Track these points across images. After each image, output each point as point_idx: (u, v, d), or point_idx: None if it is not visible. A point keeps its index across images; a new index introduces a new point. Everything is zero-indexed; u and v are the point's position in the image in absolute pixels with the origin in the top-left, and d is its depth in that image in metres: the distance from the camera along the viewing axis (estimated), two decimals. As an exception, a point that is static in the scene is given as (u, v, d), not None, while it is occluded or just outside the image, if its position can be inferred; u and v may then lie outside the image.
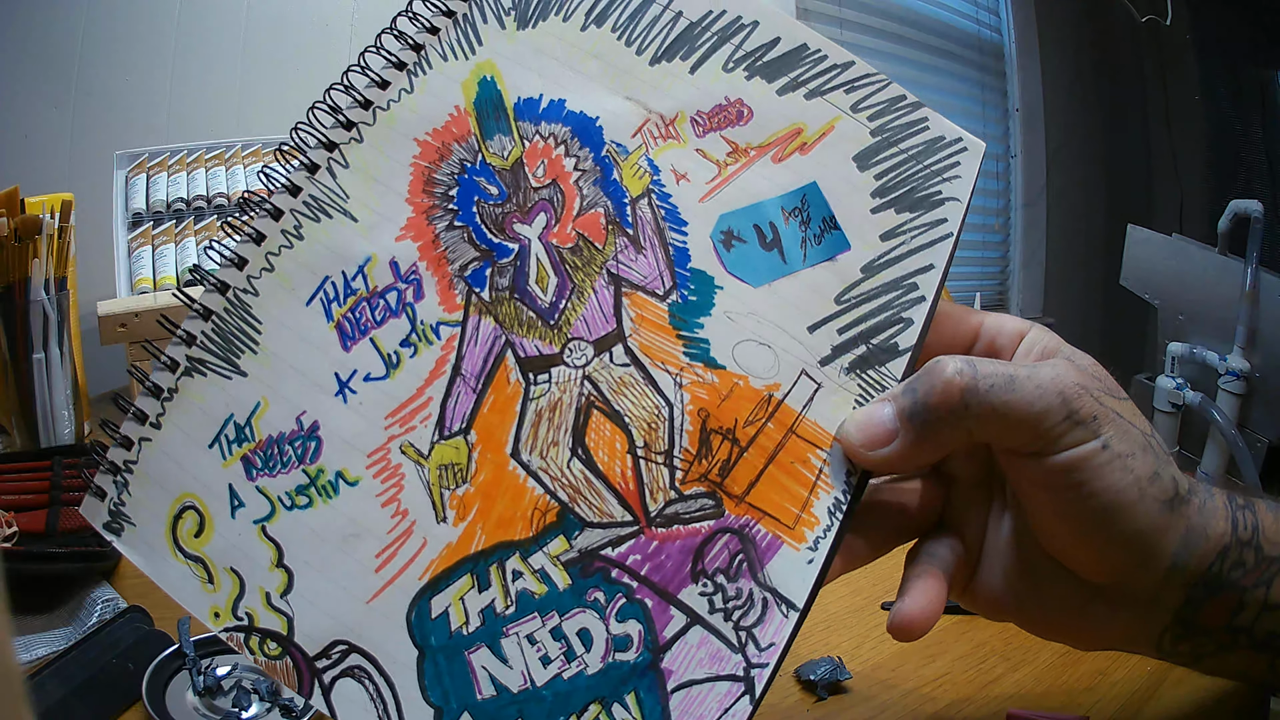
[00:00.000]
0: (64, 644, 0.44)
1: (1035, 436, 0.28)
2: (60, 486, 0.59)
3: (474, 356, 0.30)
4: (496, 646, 0.28)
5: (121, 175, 0.93)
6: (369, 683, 0.27)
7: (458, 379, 0.30)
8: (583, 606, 0.28)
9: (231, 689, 0.41)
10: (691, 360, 0.30)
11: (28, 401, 0.71)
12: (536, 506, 0.29)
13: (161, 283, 0.80)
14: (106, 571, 0.52)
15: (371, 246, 0.31)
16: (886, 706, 0.43)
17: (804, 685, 0.44)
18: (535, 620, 0.28)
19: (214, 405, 0.30)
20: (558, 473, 0.29)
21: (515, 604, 0.28)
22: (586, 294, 0.31)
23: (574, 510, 0.29)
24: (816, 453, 0.30)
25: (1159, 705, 0.43)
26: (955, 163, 0.33)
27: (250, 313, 0.30)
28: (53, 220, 0.70)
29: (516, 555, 0.28)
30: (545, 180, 0.32)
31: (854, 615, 0.51)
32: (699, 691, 0.28)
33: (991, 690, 0.44)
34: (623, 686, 0.27)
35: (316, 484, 0.29)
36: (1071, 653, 0.48)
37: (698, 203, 0.32)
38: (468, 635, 0.28)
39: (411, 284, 0.31)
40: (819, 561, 0.29)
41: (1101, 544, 0.30)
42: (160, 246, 0.85)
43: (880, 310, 0.31)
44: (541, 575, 0.28)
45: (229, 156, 0.99)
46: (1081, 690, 0.44)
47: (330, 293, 0.31)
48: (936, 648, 0.48)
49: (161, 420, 0.30)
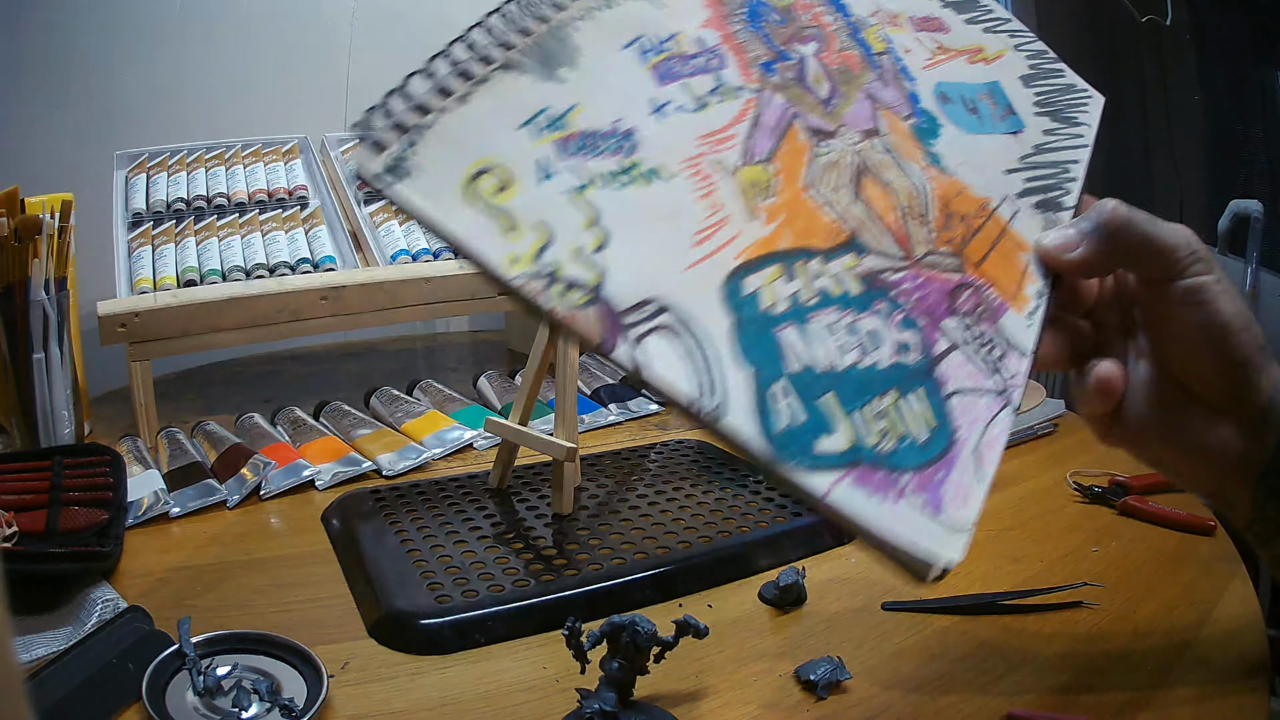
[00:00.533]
0: (64, 644, 0.44)
1: (1171, 263, 0.38)
2: (60, 486, 0.59)
3: (770, 114, 0.36)
4: (803, 328, 0.30)
5: (121, 175, 0.93)
6: (683, 339, 0.28)
7: (758, 127, 0.35)
8: (871, 312, 0.32)
9: (231, 689, 0.41)
10: (930, 163, 0.39)
11: (28, 401, 0.71)
12: (829, 229, 0.34)
13: (161, 283, 0.81)
14: (106, 571, 0.53)
15: (679, 25, 0.36)
16: (886, 706, 0.43)
17: (804, 685, 0.44)
18: (835, 313, 0.31)
19: (528, 97, 0.31)
20: (844, 209, 0.35)
21: (817, 296, 0.31)
22: (851, 99, 0.39)
23: (859, 238, 0.34)
24: (1022, 253, 0.39)
25: (1159, 705, 0.43)
26: (1085, 101, 0.48)
27: (569, 41, 0.33)
28: (53, 220, 0.70)
29: (820, 258, 0.33)
30: (812, 23, 0.41)
31: (854, 615, 0.51)
32: (970, 399, 0.32)
33: (991, 690, 0.44)
34: (910, 382, 0.31)
35: (632, 172, 0.31)
36: (1072, 653, 0.48)
37: (921, 69, 0.43)
38: (776, 315, 0.30)
39: (716, 55, 0.36)
40: (1035, 327, 0.37)
41: (1216, 361, 0.38)
42: (160, 246, 0.85)
43: (1050, 176, 0.43)
44: (837, 279, 0.33)
45: (229, 156, 0.99)
46: (1081, 690, 0.44)
47: (645, 46, 0.34)
48: (936, 648, 0.48)
49: (469, 99, 0.30)
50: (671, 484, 0.69)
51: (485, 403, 0.90)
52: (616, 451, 0.77)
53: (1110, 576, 0.57)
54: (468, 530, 0.60)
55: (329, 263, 0.87)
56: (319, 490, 0.68)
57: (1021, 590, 0.54)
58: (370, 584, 0.52)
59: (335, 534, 0.60)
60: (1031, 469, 0.78)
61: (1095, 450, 0.84)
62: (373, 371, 1.09)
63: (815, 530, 0.61)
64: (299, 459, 0.70)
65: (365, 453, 0.73)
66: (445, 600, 0.50)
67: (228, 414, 0.85)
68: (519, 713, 0.42)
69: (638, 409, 0.89)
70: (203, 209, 0.91)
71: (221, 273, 0.84)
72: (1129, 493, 0.69)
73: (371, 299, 0.87)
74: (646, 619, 0.40)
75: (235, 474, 0.67)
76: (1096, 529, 0.65)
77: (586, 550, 0.57)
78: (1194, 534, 0.64)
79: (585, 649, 0.41)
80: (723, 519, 0.62)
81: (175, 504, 0.63)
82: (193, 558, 0.56)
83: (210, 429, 0.77)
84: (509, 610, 0.49)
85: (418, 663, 0.46)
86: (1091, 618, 0.52)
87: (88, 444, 0.70)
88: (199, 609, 0.49)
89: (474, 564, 0.55)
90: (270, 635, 0.45)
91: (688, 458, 0.75)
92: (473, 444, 0.78)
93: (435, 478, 0.70)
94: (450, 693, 0.43)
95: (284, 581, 0.54)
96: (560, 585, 0.52)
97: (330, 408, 0.84)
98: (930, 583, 0.27)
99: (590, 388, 0.93)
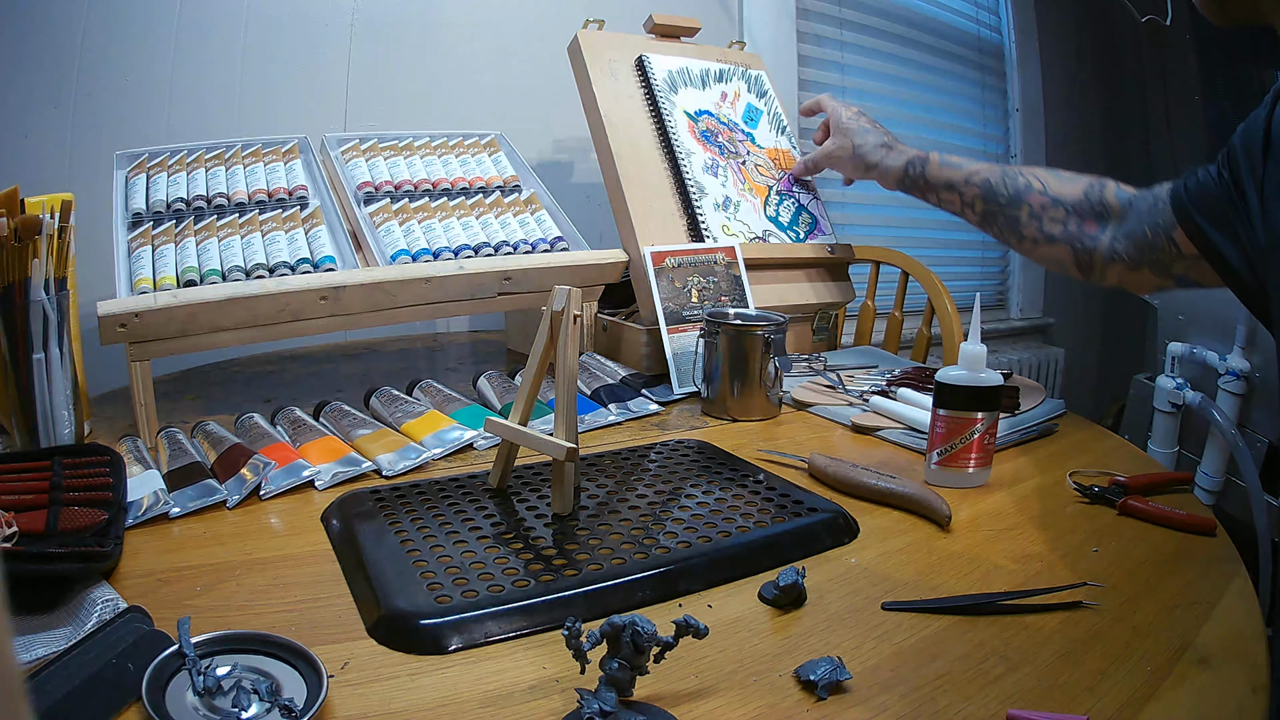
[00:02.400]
0: (64, 644, 0.44)
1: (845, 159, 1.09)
2: (60, 486, 0.59)
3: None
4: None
5: (121, 175, 0.93)
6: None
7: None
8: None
9: (231, 689, 0.41)
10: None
11: (28, 401, 0.71)
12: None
13: (161, 283, 0.80)
14: (106, 571, 0.53)
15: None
16: (886, 706, 0.43)
17: (804, 685, 0.44)
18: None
19: None
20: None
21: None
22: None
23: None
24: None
25: (1159, 705, 0.43)
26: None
27: None
28: (53, 220, 0.70)
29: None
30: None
31: (854, 615, 0.51)
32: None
33: (991, 690, 0.44)
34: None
35: None
36: (1071, 653, 0.48)
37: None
38: None
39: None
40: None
41: (863, 167, 1.07)
42: (160, 246, 0.85)
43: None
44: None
45: (229, 156, 0.99)
46: (1081, 690, 0.44)
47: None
48: (937, 648, 0.48)
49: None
50: (671, 484, 0.69)
51: (485, 403, 0.90)
52: (616, 451, 0.77)
53: (1110, 576, 0.57)
54: (468, 530, 0.60)
55: (329, 263, 0.87)
56: (319, 490, 0.68)
57: (1021, 590, 0.54)
58: (370, 584, 0.52)
59: (335, 534, 0.60)
60: (1031, 469, 0.78)
61: (1095, 450, 0.84)
62: (373, 371, 1.09)
63: (815, 530, 0.61)
64: (299, 459, 0.70)
65: (365, 453, 0.73)
66: (445, 600, 0.50)
67: (228, 414, 0.85)
68: (519, 713, 0.42)
69: (638, 409, 0.89)
70: (203, 209, 0.91)
71: (221, 273, 0.83)
72: (1129, 493, 0.69)
73: (371, 299, 0.87)
74: (646, 619, 0.40)
75: (235, 474, 0.67)
76: (1096, 529, 0.65)
77: (586, 550, 0.57)
78: (1194, 534, 0.64)
79: (585, 649, 0.41)
80: (723, 519, 0.62)
81: (175, 504, 0.63)
82: (193, 558, 0.56)
83: (210, 429, 0.77)
84: (509, 610, 0.49)
85: (418, 663, 0.46)
86: (1091, 618, 0.52)
87: (88, 444, 0.70)
88: (199, 609, 0.49)
89: (474, 564, 0.55)
90: (270, 635, 0.44)
91: (688, 458, 0.75)
92: (473, 444, 0.78)
93: (435, 478, 0.70)
94: (450, 693, 0.43)
95: (284, 581, 0.54)
96: (560, 585, 0.52)
97: (330, 408, 0.84)
98: None
99: (590, 388, 0.93)
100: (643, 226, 1.03)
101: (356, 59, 1.25)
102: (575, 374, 0.65)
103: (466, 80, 1.37)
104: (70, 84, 1.08)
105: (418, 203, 0.99)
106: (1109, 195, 0.80)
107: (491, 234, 0.98)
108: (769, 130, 1.23)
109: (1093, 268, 0.81)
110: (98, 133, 1.09)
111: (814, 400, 0.93)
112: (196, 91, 1.16)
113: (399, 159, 1.06)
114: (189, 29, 1.14)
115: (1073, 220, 0.82)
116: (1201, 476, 1.60)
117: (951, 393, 0.71)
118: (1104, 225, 0.80)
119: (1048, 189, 0.85)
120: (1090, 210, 0.81)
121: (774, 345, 0.88)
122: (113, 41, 1.10)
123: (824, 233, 1.19)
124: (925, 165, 0.97)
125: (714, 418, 0.90)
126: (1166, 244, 0.70)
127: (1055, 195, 0.84)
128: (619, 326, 1.06)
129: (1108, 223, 0.80)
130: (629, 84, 1.13)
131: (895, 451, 0.81)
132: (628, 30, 1.18)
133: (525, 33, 1.42)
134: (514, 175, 1.09)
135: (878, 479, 0.68)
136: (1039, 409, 0.90)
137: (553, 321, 0.65)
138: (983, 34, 2.25)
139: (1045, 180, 0.86)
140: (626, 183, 1.04)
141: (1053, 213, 0.84)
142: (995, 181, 0.90)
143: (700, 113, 1.16)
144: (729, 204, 1.11)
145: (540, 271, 0.95)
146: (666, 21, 1.20)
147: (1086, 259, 0.81)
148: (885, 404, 0.88)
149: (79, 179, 1.07)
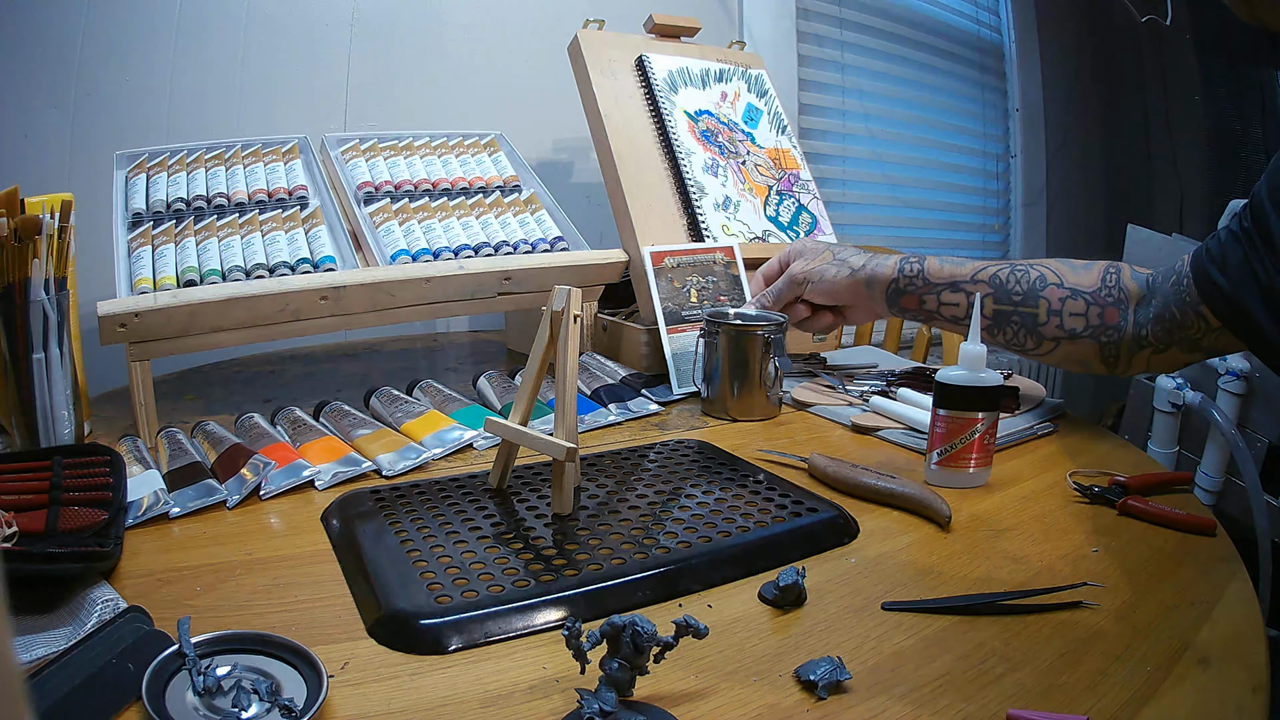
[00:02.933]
0: (64, 644, 0.44)
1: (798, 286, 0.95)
2: (60, 486, 0.59)
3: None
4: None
5: (121, 175, 0.93)
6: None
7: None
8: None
9: (231, 689, 0.41)
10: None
11: (28, 401, 0.71)
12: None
13: (161, 283, 0.80)
14: (106, 571, 0.53)
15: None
16: (886, 706, 0.43)
17: (804, 685, 0.44)
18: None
19: None
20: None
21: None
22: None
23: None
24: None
25: (1159, 705, 0.43)
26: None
27: None
28: (53, 220, 0.70)
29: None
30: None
31: (854, 615, 0.51)
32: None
33: (991, 690, 0.44)
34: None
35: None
36: (1071, 653, 0.48)
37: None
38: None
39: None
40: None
41: (846, 279, 0.91)
42: (160, 246, 0.85)
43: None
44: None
45: (229, 156, 0.99)
46: (1081, 690, 0.44)
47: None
48: (936, 648, 0.48)
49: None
50: (671, 484, 0.69)
51: (485, 403, 0.90)
52: (616, 451, 0.77)
53: (1110, 576, 0.57)
54: (468, 530, 0.60)
55: (329, 263, 0.87)
56: (319, 490, 0.68)
57: (1021, 590, 0.54)
58: (370, 584, 0.52)
59: (335, 534, 0.60)
60: (1031, 469, 0.78)
61: (1095, 450, 0.84)
62: (373, 371, 1.09)
63: (815, 530, 0.61)
64: (299, 459, 0.70)
65: (365, 453, 0.73)
66: (445, 600, 0.50)
67: (228, 414, 0.85)
68: (519, 713, 0.42)
69: (638, 409, 0.89)
70: (203, 209, 0.91)
71: (221, 273, 0.83)
72: (1129, 493, 0.69)
73: (371, 299, 0.87)
74: (646, 619, 0.40)
75: (235, 474, 0.67)
76: (1096, 529, 0.65)
77: (586, 550, 0.57)
78: (1194, 534, 0.64)
79: (585, 649, 0.41)
80: (723, 519, 0.62)
81: (175, 504, 0.63)
82: (193, 558, 0.56)
83: (210, 429, 0.77)
84: (509, 610, 0.49)
85: (418, 663, 0.46)
86: (1091, 618, 0.52)
87: (88, 444, 0.70)
88: (199, 609, 0.49)
89: (474, 564, 0.55)
90: (270, 635, 0.44)
91: (688, 458, 0.75)
92: (473, 444, 0.78)
93: (435, 478, 0.70)
94: (450, 693, 0.43)
95: (284, 581, 0.54)
96: (560, 585, 0.52)
97: (330, 408, 0.84)
98: None
99: (590, 388, 0.93)
100: (642, 226, 1.03)
101: (356, 59, 1.25)
102: (575, 374, 0.65)
103: (466, 80, 1.37)
104: (70, 84, 1.08)
105: (418, 203, 0.99)
106: (1126, 280, 0.77)
107: (491, 234, 0.98)
108: (769, 130, 1.23)
109: (1118, 359, 0.77)
110: (98, 133, 1.09)
111: (814, 400, 0.94)
112: (196, 92, 1.16)
113: (399, 159, 1.06)
114: (189, 29, 1.14)
115: (1094, 312, 0.77)
116: (1201, 476, 1.60)
117: (951, 393, 0.71)
118: (1125, 312, 0.76)
119: (1064, 281, 0.79)
120: (1111, 298, 0.77)
121: (774, 345, 0.88)
122: (113, 41, 1.10)
123: (824, 233, 1.19)
124: (923, 263, 0.86)
125: (714, 418, 0.90)
126: (1196, 320, 0.69)
127: (1073, 286, 0.78)
128: (619, 326, 1.06)
129: (1128, 309, 0.76)
130: (629, 84, 1.13)
131: (895, 451, 0.81)
132: (628, 30, 1.18)
133: (525, 33, 1.42)
134: (514, 175, 1.09)
135: (878, 479, 0.68)
136: (1039, 409, 0.90)
137: (553, 321, 0.65)
138: (983, 34, 2.25)
139: (1060, 271, 0.80)
140: (626, 183, 1.04)
141: (1073, 306, 0.78)
142: (1005, 276, 0.81)
143: (700, 112, 1.16)
144: (729, 204, 1.11)
145: (540, 271, 0.95)
146: (666, 21, 1.20)
147: (1113, 351, 0.77)
148: (885, 404, 0.88)
149: (79, 179, 1.07)
